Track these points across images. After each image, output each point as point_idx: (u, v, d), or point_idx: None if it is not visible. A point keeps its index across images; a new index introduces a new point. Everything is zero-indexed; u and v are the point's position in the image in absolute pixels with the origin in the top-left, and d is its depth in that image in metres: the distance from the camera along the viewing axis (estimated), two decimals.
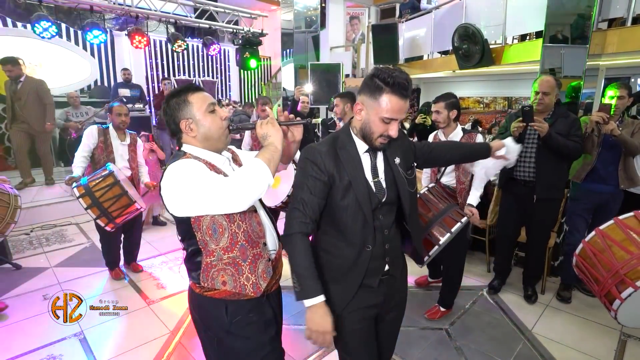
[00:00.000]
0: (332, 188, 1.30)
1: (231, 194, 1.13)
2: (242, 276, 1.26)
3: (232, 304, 1.27)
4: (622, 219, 1.77)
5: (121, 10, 5.16)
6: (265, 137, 1.26)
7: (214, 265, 1.25)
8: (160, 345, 2.40)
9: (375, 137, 1.28)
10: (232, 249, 1.24)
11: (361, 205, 1.29)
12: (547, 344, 2.40)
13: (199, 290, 1.28)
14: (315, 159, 1.29)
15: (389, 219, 1.38)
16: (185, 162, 1.20)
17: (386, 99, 1.21)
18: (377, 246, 1.35)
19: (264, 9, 8.42)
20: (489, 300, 2.95)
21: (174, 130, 1.31)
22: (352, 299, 1.34)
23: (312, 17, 7.06)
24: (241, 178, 1.15)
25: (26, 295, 3.00)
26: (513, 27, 4.51)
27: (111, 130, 3.05)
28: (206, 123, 1.27)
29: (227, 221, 1.23)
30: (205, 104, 1.27)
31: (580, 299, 2.92)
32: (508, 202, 2.86)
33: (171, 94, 1.32)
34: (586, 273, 1.82)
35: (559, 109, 2.59)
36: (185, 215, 1.21)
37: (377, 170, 1.35)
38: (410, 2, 6.67)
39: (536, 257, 2.87)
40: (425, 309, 2.75)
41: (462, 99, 8.42)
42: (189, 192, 1.15)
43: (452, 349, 2.36)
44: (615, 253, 1.67)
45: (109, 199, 2.67)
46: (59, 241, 4.16)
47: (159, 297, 2.99)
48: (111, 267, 3.29)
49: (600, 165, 2.63)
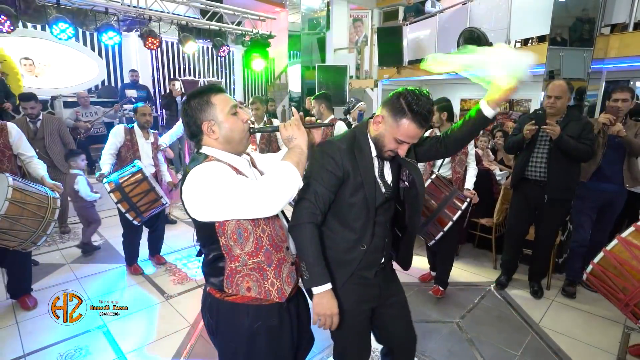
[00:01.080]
0: (343, 184, 1.36)
1: (262, 198, 1.09)
2: (267, 281, 1.23)
3: (253, 308, 1.24)
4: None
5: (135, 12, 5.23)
6: (291, 140, 1.25)
7: (238, 270, 1.21)
8: (181, 337, 2.48)
9: (384, 150, 1.37)
10: (257, 254, 1.21)
11: (368, 203, 1.37)
12: (555, 337, 2.50)
13: (220, 295, 1.24)
14: (334, 154, 1.34)
15: (388, 215, 1.49)
16: (210, 164, 1.15)
17: (405, 124, 1.28)
18: (379, 240, 1.44)
19: (267, 11, 8.52)
20: (497, 295, 3.05)
21: (195, 132, 1.25)
22: (345, 288, 1.41)
23: (317, 19, 7.16)
24: (272, 182, 1.12)
25: (47, 290, 3.07)
26: (517, 31, 4.62)
27: (136, 129, 3.21)
28: (228, 125, 1.23)
29: (252, 225, 1.19)
30: (228, 106, 1.24)
31: (584, 294, 3.03)
32: (519, 201, 2.95)
33: (192, 94, 1.27)
34: (607, 282, 1.82)
35: (571, 112, 2.69)
36: (210, 220, 1.16)
37: (384, 173, 1.45)
38: (414, 6, 6.78)
39: (543, 255, 2.98)
40: (432, 304, 2.87)
41: (464, 101, 8.55)
42: (217, 196, 1.10)
43: (464, 341, 2.46)
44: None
45: (137, 194, 2.84)
46: (72, 239, 4.23)
47: (176, 293, 3.07)
48: (130, 262, 3.39)
49: (605, 165, 2.73)
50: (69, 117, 5.57)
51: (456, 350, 2.36)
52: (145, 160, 3.20)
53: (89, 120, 5.68)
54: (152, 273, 3.40)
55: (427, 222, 2.62)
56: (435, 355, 2.31)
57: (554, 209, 2.76)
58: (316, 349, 2.35)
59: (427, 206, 2.61)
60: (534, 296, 2.98)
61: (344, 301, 1.40)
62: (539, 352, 2.35)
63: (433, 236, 2.67)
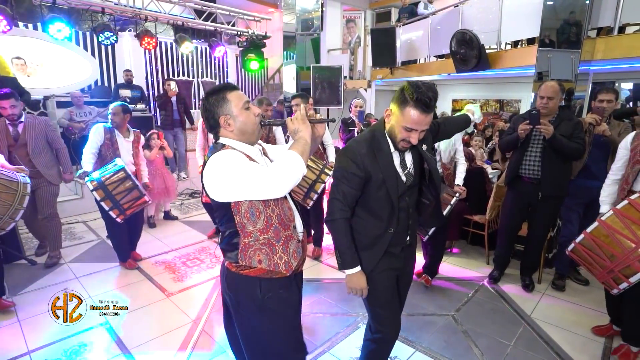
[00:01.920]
0: (368, 182, 1.56)
1: (272, 181, 1.25)
2: (275, 255, 1.39)
3: (265, 281, 1.39)
4: (634, 198, 1.93)
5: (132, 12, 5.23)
6: (296, 132, 1.39)
7: (251, 245, 1.37)
8: (184, 333, 2.53)
9: (398, 141, 1.53)
10: (267, 231, 1.38)
11: (391, 196, 1.57)
12: (546, 327, 2.61)
13: (235, 269, 1.40)
14: (356, 158, 1.54)
15: (413, 198, 1.68)
16: (227, 152, 1.31)
17: (409, 111, 1.43)
18: (403, 223, 1.64)
19: (261, 12, 8.55)
20: (490, 289, 3.15)
21: (213, 125, 1.41)
22: (378, 263, 1.64)
23: (311, 20, 7.22)
24: (280, 167, 1.27)
25: (48, 288, 3.08)
26: (508, 34, 4.75)
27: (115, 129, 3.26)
28: (242, 118, 1.39)
29: (263, 206, 1.36)
30: (241, 102, 1.39)
31: (573, 287, 3.15)
32: (513, 198, 3.05)
33: (210, 92, 1.43)
34: (596, 250, 1.95)
35: (563, 112, 2.79)
36: (227, 201, 1.33)
37: (406, 163, 1.61)
38: (408, 7, 6.89)
39: (535, 249, 3.08)
40: (429, 298, 2.99)
41: (456, 101, 8.70)
42: (234, 179, 1.26)
43: (459, 333, 2.55)
44: (637, 230, 1.83)
45: (120, 192, 2.87)
46: (69, 238, 4.23)
47: (177, 290, 3.10)
48: (123, 258, 3.45)
49: (591, 163, 2.86)
50: (62, 117, 5.54)
51: (452, 342, 2.45)
52: (125, 158, 3.24)
53: (83, 121, 5.65)
54: (150, 271, 3.44)
55: None
56: (432, 347, 2.39)
57: (546, 206, 2.86)
58: (317, 342, 2.43)
59: None
60: (525, 289, 3.09)
61: (376, 269, 1.64)
62: (531, 342, 2.45)
63: (426, 231, 2.83)
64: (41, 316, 2.68)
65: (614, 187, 2.35)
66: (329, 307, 2.85)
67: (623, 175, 2.29)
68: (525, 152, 2.84)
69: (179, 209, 5.43)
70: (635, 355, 2.23)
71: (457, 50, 4.77)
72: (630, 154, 2.23)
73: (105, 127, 3.22)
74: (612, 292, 1.97)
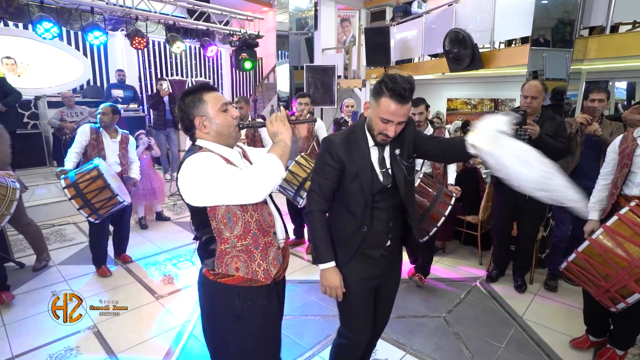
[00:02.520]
0: (343, 173, 1.53)
1: (248, 185, 1.21)
2: (254, 263, 1.33)
3: (244, 290, 1.34)
4: (623, 213, 1.88)
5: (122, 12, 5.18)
6: (276, 134, 1.36)
7: (227, 252, 1.31)
8: (172, 336, 2.50)
9: (375, 134, 1.49)
10: (245, 237, 1.32)
11: (364, 191, 1.52)
12: (537, 329, 2.59)
13: (213, 277, 1.33)
14: (330, 149, 1.52)
15: (394, 201, 1.59)
16: (203, 155, 1.26)
17: (384, 102, 1.39)
18: (381, 223, 1.57)
19: (255, 11, 8.51)
20: (482, 290, 3.14)
21: (188, 126, 1.36)
22: (351, 264, 1.58)
23: (305, 19, 7.19)
24: (258, 171, 1.23)
25: (35, 291, 3.04)
26: (501, 33, 4.74)
27: (102, 129, 3.24)
28: (219, 120, 1.34)
29: (240, 211, 1.30)
30: (219, 104, 1.35)
31: (566, 287, 3.14)
32: (501, 199, 3.05)
33: (186, 92, 1.37)
34: (590, 270, 1.90)
35: (546, 111, 2.80)
36: (202, 205, 1.27)
37: (385, 161, 1.56)
38: (402, 6, 6.87)
39: (526, 249, 3.07)
40: (421, 299, 2.96)
41: (451, 100, 8.69)
42: (208, 183, 1.21)
43: (450, 335, 2.53)
44: (629, 249, 1.76)
45: (92, 191, 2.80)
46: (59, 240, 4.19)
47: (167, 292, 3.07)
48: (97, 263, 3.37)
49: (584, 163, 2.84)
50: (53, 117, 5.48)
51: (443, 344, 2.43)
52: (110, 159, 3.24)
53: (74, 121, 5.59)
54: (140, 273, 3.40)
55: (421, 219, 2.68)
56: (423, 349, 2.37)
57: (534, 205, 2.84)
58: (307, 345, 2.40)
59: (419, 204, 2.67)
60: (517, 290, 3.08)
61: (350, 276, 1.58)
62: (522, 343, 2.44)
63: (427, 232, 2.73)
64: (27, 320, 2.64)
65: (603, 193, 2.28)
66: (319, 309, 2.82)
67: (612, 179, 2.27)
68: None
69: (171, 209, 5.39)
70: (621, 359, 2.21)
71: (451, 49, 4.75)
72: (618, 157, 2.21)
73: (92, 127, 3.22)
74: (611, 310, 1.93)
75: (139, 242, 4.11)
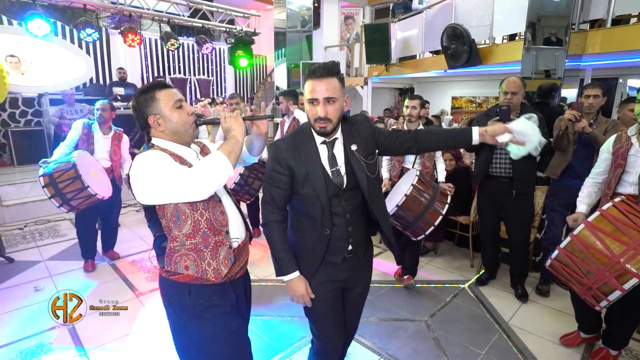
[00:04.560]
0: (292, 179, 1.45)
1: (192, 183, 1.20)
2: (203, 262, 1.32)
3: (195, 287, 1.33)
4: (606, 209, 1.83)
5: (114, 9, 5.21)
6: (229, 130, 1.34)
7: (177, 250, 1.31)
8: (147, 335, 2.47)
9: (313, 122, 1.42)
10: (194, 236, 1.31)
11: (318, 194, 1.43)
12: (522, 335, 2.48)
13: (165, 274, 1.35)
14: (276, 155, 1.46)
15: (353, 203, 1.49)
16: (151, 153, 1.26)
17: (306, 85, 1.41)
18: (340, 228, 1.48)
19: (259, 9, 8.48)
20: (470, 294, 3.03)
21: (143, 125, 1.36)
22: (316, 272, 1.51)
23: (305, 16, 7.12)
24: (202, 169, 1.22)
25: (17, 287, 3.07)
26: (500, 28, 4.59)
27: (95, 125, 3.31)
28: (173, 118, 1.33)
29: (190, 209, 1.30)
30: (172, 101, 1.33)
31: (558, 292, 3.00)
32: (484, 199, 2.96)
33: (140, 91, 1.38)
34: (572, 266, 1.84)
35: (525, 107, 2.74)
36: (151, 203, 1.27)
37: (336, 159, 1.47)
38: (403, 2, 6.74)
39: (520, 251, 2.94)
40: (404, 302, 2.87)
41: (455, 99, 8.51)
42: (153, 181, 1.22)
43: (429, 340, 2.43)
44: (610, 245, 1.72)
45: (64, 181, 2.83)
46: (52, 236, 4.23)
47: (147, 290, 3.05)
48: (85, 256, 3.42)
49: (576, 162, 2.70)
50: (53, 114, 5.56)
51: (420, 349, 2.34)
52: (98, 154, 3.30)
53: (74, 118, 5.64)
54: (125, 269, 3.40)
55: (418, 218, 2.63)
56: (398, 354, 2.29)
57: (521, 202, 2.78)
58: (281, 347, 2.34)
59: (418, 203, 2.64)
60: (520, 299, 2.89)
61: (312, 281, 1.51)
62: (503, 351, 2.33)
63: (423, 231, 2.68)
64: (4, 316, 2.65)
65: (593, 188, 2.23)
66: (298, 310, 2.75)
67: (604, 179, 2.16)
68: (494, 150, 2.73)
69: None
70: (614, 359, 2.16)
71: (448, 45, 4.63)
72: (612, 157, 2.09)
73: (85, 123, 3.30)
74: (595, 309, 1.85)
75: (129, 238, 4.13)
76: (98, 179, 3.09)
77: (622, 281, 1.65)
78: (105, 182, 3.22)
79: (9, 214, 4.69)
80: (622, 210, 1.79)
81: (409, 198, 2.59)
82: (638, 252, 1.63)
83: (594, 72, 4.93)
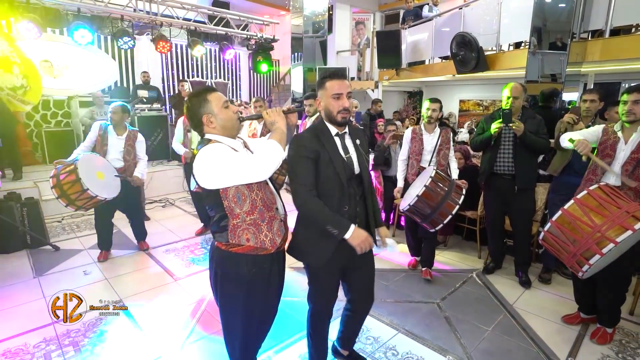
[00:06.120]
0: (318, 162, 1.70)
1: (255, 166, 1.45)
2: (261, 234, 1.58)
3: (251, 257, 1.58)
4: (592, 189, 2.14)
5: (148, 18, 5.58)
6: (273, 123, 1.61)
7: (239, 225, 1.55)
8: (189, 311, 2.79)
9: (335, 114, 1.71)
10: (253, 212, 1.56)
11: (339, 175, 1.71)
12: (525, 316, 2.75)
13: (225, 247, 1.57)
14: (304, 142, 1.71)
15: (359, 190, 1.82)
16: (214, 145, 1.50)
17: (329, 83, 1.73)
18: (352, 208, 1.77)
19: (273, 15, 8.83)
20: (478, 281, 3.31)
21: (197, 124, 1.60)
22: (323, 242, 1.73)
23: (319, 22, 7.44)
24: (262, 154, 1.47)
25: (68, 271, 3.41)
26: (506, 36, 4.86)
27: (111, 127, 3.50)
28: (222, 116, 1.58)
29: (247, 190, 1.54)
30: (221, 102, 1.59)
31: (559, 281, 3.27)
32: (490, 195, 3.25)
33: (192, 94, 1.63)
34: (561, 237, 2.13)
35: (526, 111, 3.02)
36: (216, 187, 1.50)
37: (348, 149, 1.79)
38: (414, 10, 7.04)
39: (523, 243, 3.21)
40: (417, 287, 3.17)
41: (463, 102, 8.77)
42: (222, 167, 1.45)
43: (441, 318, 2.72)
44: (594, 217, 2.01)
45: (67, 183, 3.02)
46: (88, 228, 4.57)
47: (184, 275, 3.38)
48: (100, 247, 3.67)
49: (575, 160, 2.97)
50: (84, 115, 5.92)
51: (434, 326, 2.63)
52: (112, 155, 3.46)
53: (104, 119, 6.03)
54: (161, 258, 3.73)
55: (436, 208, 2.85)
56: (414, 330, 2.58)
57: (523, 198, 3.05)
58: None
59: (436, 194, 2.85)
60: (524, 286, 3.16)
61: (322, 256, 1.75)
62: (508, 327, 2.61)
63: (438, 222, 2.90)
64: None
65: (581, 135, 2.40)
66: None
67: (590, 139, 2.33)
68: (498, 149, 3.02)
69: (158, 210, 5.51)
70: (611, 336, 2.44)
71: (457, 52, 4.91)
72: (599, 147, 2.37)
73: (102, 124, 3.49)
74: (578, 275, 2.12)
75: (160, 231, 4.47)
76: (104, 180, 3.24)
77: (601, 246, 1.94)
78: (113, 182, 3.36)
79: (47, 208, 5.04)
80: (606, 191, 2.11)
81: (428, 189, 2.83)
82: (615, 224, 1.93)
83: (595, 77, 5.18)
